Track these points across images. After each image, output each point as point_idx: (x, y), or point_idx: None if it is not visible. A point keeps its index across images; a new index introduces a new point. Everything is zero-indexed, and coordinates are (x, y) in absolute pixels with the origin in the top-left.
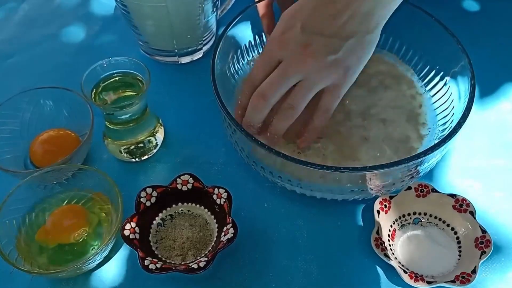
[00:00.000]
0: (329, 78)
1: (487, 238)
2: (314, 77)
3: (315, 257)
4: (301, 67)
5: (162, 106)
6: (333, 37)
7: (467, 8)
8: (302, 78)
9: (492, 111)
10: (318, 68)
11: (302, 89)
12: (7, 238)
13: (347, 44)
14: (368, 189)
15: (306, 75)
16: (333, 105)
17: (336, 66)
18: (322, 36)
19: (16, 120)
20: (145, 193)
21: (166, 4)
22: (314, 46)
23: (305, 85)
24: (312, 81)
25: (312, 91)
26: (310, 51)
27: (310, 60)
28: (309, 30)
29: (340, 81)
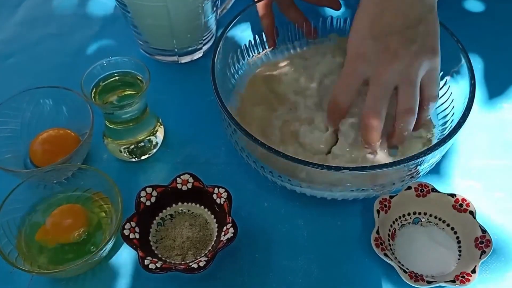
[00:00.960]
0: (422, 66)
1: (487, 238)
2: (410, 73)
3: (315, 257)
4: (392, 70)
5: (162, 106)
6: (404, 29)
7: (467, 8)
8: (400, 81)
9: (492, 111)
10: (408, 63)
11: (407, 90)
12: (7, 238)
13: (420, 29)
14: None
15: (402, 76)
16: (436, 89)
17: (423, 53)
18: (394, 34)
19: (16, 120)
20: (145, 192)
21: (166, 4)
22: (392, 46)
23: (407, 85)
24: (410, 77)
25: (416, 86)
26: (392, 52)
27: (396, 60)
28: (380, 34)
29: (433, 64)
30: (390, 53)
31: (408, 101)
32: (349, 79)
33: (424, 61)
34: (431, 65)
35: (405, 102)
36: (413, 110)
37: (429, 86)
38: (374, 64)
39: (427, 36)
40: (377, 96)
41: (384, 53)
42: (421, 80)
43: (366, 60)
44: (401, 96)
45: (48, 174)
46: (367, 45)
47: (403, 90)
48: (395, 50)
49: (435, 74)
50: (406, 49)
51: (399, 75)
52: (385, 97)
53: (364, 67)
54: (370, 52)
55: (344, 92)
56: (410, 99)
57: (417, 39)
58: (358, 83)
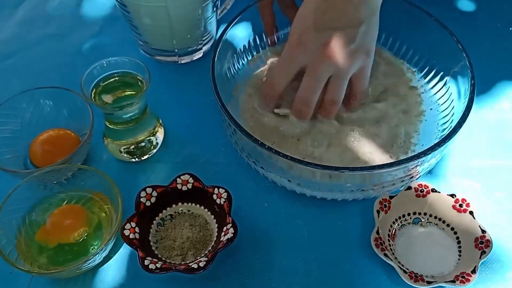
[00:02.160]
0: (355, 65)
1: (487, 238)
2: (343, 69)
3: (315, 257)
4: (328, 64)
5: (162, 106)
6: (346, 28)
7: (467, 8)
8: (332, 74)
9: (492, 111)
10: (344, 60)
11: (337, 83)
12: (7, 238)
13: (361, 30)
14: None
15: (336, 70)
16: (365, 86)
17: (358, 52)
18: (336, 30)
19: (16, 120)
20: (145, 193)
21: (166, 4)
22: (333, 42)
23: (338, 79)
24: (342, 73)
25: (345, 81)
26: (331, 47)
27: (334, 55)
28: (322, 27)
29: (365, 64)
30: (329, 48)
31: (335, 94)
32: (287, 64)
33: (357, 60)
34: (364, 64)
35: (332, 94)
36: (338, 102)
37: (359, 82)
38: (313, 55)
39: (365, 38)
40: (310, 86)
41: (324, 46)
42: (352, 76)
43: (306, 49)
44: (330, 88)
45: (48, 174)
46: (309, 35)
47: (333, 83)
48: (335, 46)
49: (365, 71)
50: (344, 47)
51: (334, 69)
52: (318, 87)
53: (302, 56)
54: (311, 43)
55: (281, 76)
56: (337, 92)
57: (356, 39)
58: (295, 69)
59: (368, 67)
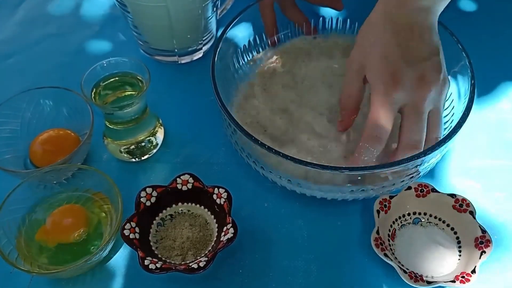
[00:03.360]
0: (445, 95)
1: (487, 238)
2: (439, 102)
3: (315, 257)
4: (429, 98)
5: (162, 106)
6: (432, 56)
7: (467, 8)
8: (432, 109)
9: (492, 110)
10: (440, 91)
11: (436, 119)
12: (7, 238)
13: (441, 57)
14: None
15: (434, 104)
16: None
17: (446, 81)
18: (425, 61)
19: (16, 120)
20: (145, 193)
21: (166, 4)
22: (427, 74)
23: (436, 113)
24: (439, 106)
25: (440, 114)
26: (427, 79)
27: (432, 88)
28: (413, 61)
29: (447, 92)
30: (425, 81)
31: (436, 130)
32: (386, 108)
33: (446, 90)
34: (447, 91)
35: (434, 131)
36: (437, 138)
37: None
38: (412, 92)
39: (444, 65)
40: (417, 127)
41: (420, 80)
42: None
43: (402, 88)
44: (433, 126)
45: (48, 174)
46: (401, 71)
47: (433, 118)
48: (429, 77)
49: (441, 102)
50: (437, 77)
51: (433, 104)
52: (424, 127)
53: (402, 94)
54: (406, 79)
55: (383, 123)
56: (436, 128)
57: (442, 68)
58: (395, 112)
59: (444, 94)
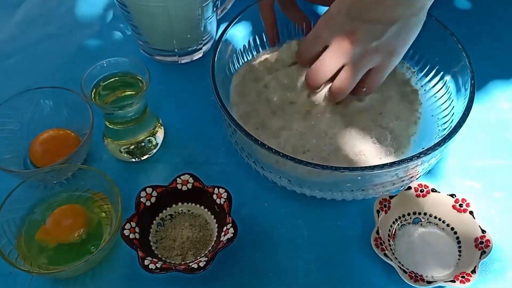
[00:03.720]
0: (373, 61)
1: (487, 238)
2: (359, 62)
3: (315, 257)
4: (346, 53)
5: (162, 106)
6: (376, 23)
7: (467, 8)
8: (347, 63)
9: (492, 111)
10: (363, 54)
11: (348, 74)
12: (7, 238)
13: (391, 29)
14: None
15: (352, 60)
16: (375, 85)
17: (380, 51)
18: (366, 22)
19: (16, 120)
20: (145, 193)
21: (166, 4)
22: (358, 34)
23: (351, 69)
24: (357, 66)
25: (358, 74)
26: (355, 38)
27: (355, 46)
28: (353, 15)
29: (384, 63)
30: (353, 38)
31: (344, 83)
32: (313, 37)
33: (376, 57)
34: (383, 62)
35: (342, 82)
36: (345, 92)
37: (372, 79)
38: (336, 38)
39: (393, 38)
40: (327, 60)
41: (349, 35)
42: (368, 70)
43: (331, 29)
44: (340, 76)
45: (48, 174)
46: (340, 18)
47: (345, 72)
48: (358, 39)
49: (383, 71)
50: (367, 42)
51: (350, 59)
52: (333, 66)
53: (327, 35)
54: (338, 27)
55: (308, 46)
56: (346, 82)
57: (381, 37)
58: (320, 42)
59: (388, 67)
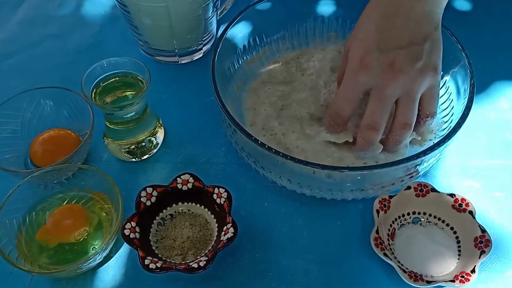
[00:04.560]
0: (424, 83)
1: (487, 237)
2: (412, 89)
3: (315, 256)
4: (395, 85)
5: (162, 106)
6: (411, 45)
7: (466, 8)
8: (401, 95)
9: (492, 110)
10: (412, 79)
11: (407, 104)
12: (7, 238)
13: (426, 46)
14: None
15: (404, 90)
16: (435, 106)
17: (426, 70)
18: (401, 49)
19: (16, 120)
20: (145, 192)
21: (166, 4)
22: (398, 61)
23: (407, 99)
24: (411, 93)
25: (416, 102)
26: (397, 67)
27: (400, 75)
28: (386, 48)
29: (433, 82)
30: (395, 67)
31: (406, 116)
32: (351, 89)
33: (426, 78)
34: (432, 82)
35: (403, 117)
36: (410, 125)
37: (429, 103)
38: (378, 77)
39: (431, 54)
40: (377, 110)
41: (390, 67)
42: (421, 96)
43: (370, 71)
44: (400, 110)
45: (48, 174)
46: (372, 56)
47: (403, 104)
48: (400, 65)
49: (435, 91)
50: (411, 66)
51: (401, 90)
52: (385, 111)
53: (367, 78)
54: (375, 64)
55: (346, 102)
56: (408, 114)
57: (422, 56)
58: (360, 93)
59: (438, 85)
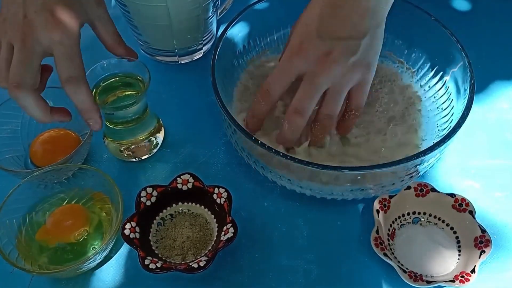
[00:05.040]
0: (354, 78)
1: (487, 237)
2: (341, 82)
3: (315, 257)
4: (327, 75)
5: (162, 106)
6: (349, 38)
7: (466, 8)
8: (330, 86)
9: (492, 110)
10: (343, 73)
11: (334, 97)
12: (7, 238)
13: (364, 42)
14: (368, 188)
15: (334, 82)
16: (363, 102)
17: (359, 66)
18: (339, 40)
19: (16, 120)
20: (145, 192)
21: (166, 4)
22: (335, 52)
23: (335, 92)
24: (340, 86)
25: (342, 95)
26: (332, 58)
27: (334, 66)
28: (326, 36)
29: (365, 78)
30: (330, 58)
31: (331, 108)
32: (285, 70)
33: (357, 74)
34: (363, 78)
35: (328, 108)
36: (333, 117)
37: (357, 97)
38: (313, 64)
39: (367, 50)
40: (306, 96)
41: (325, 56)
42: (350, 90)
43: (306, 57)
44: (326, 101)
45: (48, 174)
46: (311, 43)
47: (330, 96)
48: (336, 56)
49: (365, 86)
50: (345, 59)
51: (332, 81)
52: (313, 98)
53: (302, 62)
54: (312, 51)
55: (277, 82)
56: (333, 106)
57: (357, 52)
58: (293, 76)
59: (368, 81)
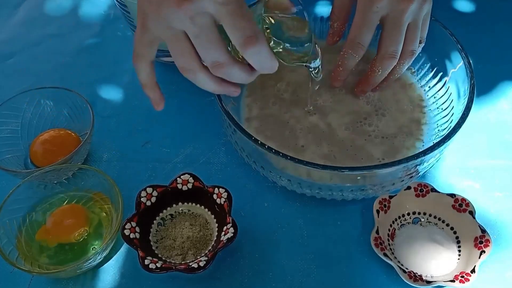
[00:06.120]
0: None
1: (487, 237)
2: (418, 16)
3: (315, 257)
4: (410, 10)
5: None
6: None
7: (467, 8)
8: (410, 22)
9: (492, 111)
10: (419, 6)
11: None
12: (7, 238)
13: None
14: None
15: (413, 17)
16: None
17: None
18: None
19: (16, 120)
20: (145, 192)
21: None
22: None
23: (415, 27)
24: (418, 20)
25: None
26: None
27: (414, 2)
28: None
29: (429, 9)
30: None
31: (412, 44)
32: (369, 16)
33: (427, 5)
34: (429, 9)
35: (412, 44)
36: (416, 52)
37: (424, 29)
38: (394, 3)
39: None
40: (396, 38)
41: None
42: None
43: None
44: (411, 36)
45: (48, 174)
46: None
47: (411, 31)
48: None
49: (428, 18)
50: None
51: (412, 16)
52: (402, 39)
53: (383, 4)
54: None
55: (365, 32)
56: (414, 42)
57: None
58: (377, 20)
59: (429, 12)
